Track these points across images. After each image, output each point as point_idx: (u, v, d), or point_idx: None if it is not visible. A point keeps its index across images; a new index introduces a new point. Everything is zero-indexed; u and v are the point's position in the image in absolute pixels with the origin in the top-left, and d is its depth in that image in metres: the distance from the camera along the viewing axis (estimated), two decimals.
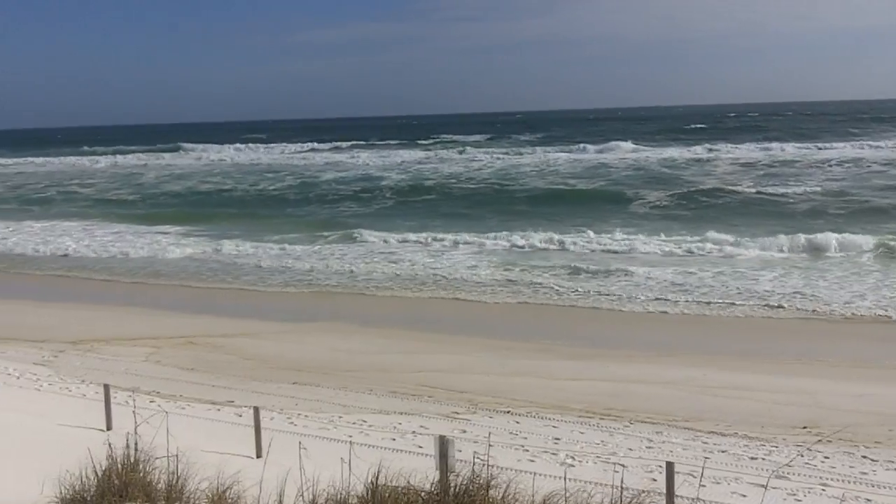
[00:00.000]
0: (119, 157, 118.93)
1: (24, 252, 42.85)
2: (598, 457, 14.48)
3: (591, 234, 39.96)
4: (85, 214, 57.65)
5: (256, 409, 13.88)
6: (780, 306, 26.20)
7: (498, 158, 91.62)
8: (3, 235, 48.46)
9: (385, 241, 41.10)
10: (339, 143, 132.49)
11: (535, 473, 10.07)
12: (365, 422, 16.57)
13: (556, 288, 29.84)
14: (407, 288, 31.50)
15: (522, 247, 37.95)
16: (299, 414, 17.05)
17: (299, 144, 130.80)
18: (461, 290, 30.65)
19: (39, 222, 54.24)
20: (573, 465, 13.83)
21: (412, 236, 41.79)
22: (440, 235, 41.27)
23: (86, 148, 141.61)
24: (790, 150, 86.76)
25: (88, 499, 7.63)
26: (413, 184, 69.17)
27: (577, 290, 29.33)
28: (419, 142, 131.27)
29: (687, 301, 27.43)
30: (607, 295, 28.61)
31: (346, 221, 49.89)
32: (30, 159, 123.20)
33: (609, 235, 39.53)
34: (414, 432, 15.78)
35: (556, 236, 39.25)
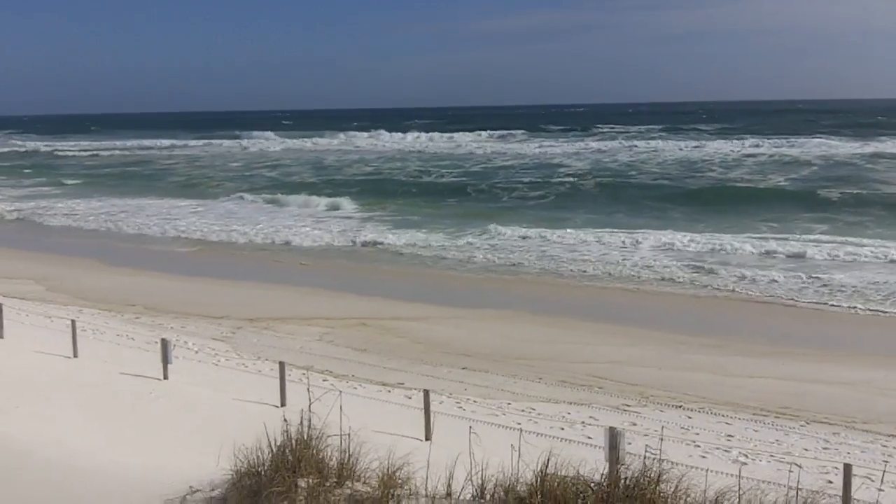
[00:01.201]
0: (310, 141, 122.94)
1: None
2: (771, 455, 14.04)
3: (798, 235, 38.11)
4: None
5: (426, 393, 13.95)
6: None
7: (679, 149, 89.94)
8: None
9: (562, 232, 40.49)
10: (513, 132, 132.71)
11: (707, 470, 9.80)
12: (534, 410, 16.48)
13: (734, 282, 29.04)
14: (579, 277, 31.23)
15: (717, 250, 35.40)
16: (468, 399, 17.10)
17: (476, 133, 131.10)
18: (636, 281, 30.22)
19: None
20: (746, 463, 13.46)
21: (594, 228, 41.16)
22: (622, 229, 40.45)
23: (271, 134, 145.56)
24: None
25: (263, 473, 7.77)
26: (591, 173, 68.61)
27: (753, 285, 28.48)
28: (597, 130, 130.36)
29: (881, 299, 26.28)
30: (790, 290, 27.65)
31: (527, 212, 49.53)
32: (187, 142, 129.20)
33: (808, 237, 37.62)
34: (583, 422, 15.61)
35: (754, 236, 37.68)
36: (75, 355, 18.32)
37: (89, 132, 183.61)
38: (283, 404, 14.81)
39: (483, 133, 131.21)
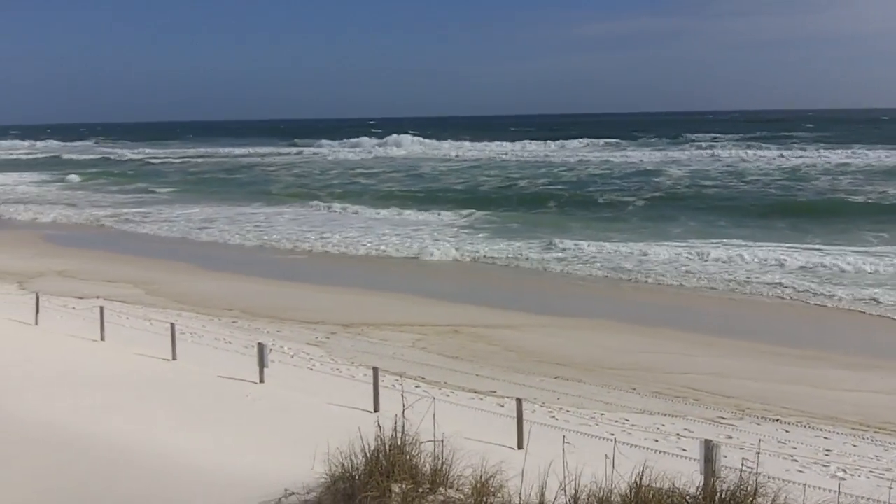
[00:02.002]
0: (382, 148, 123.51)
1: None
2: (871, 471, 13.73)
3: None
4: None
5: (519, 401, 13.93)
6: None
7: (780, 157, 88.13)
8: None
9: (660, 241, 40.03)
10: (608, 139, 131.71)
11: (804, 485, 9.61)
12: (627, 421, 16.34)
13: (837, 295, 28.38)
14: (676, 287, 30.86)
15: (820, 262, 33.84)
16: (560, 408, 17.02)
17: (575, 141, 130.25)
18: (736, 292, 29.75)
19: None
20: (845, 479, 13.16)
21: (694, 239, 40.39)
22: (722, 239, 39.73)
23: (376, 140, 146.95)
24: None
25: (357, 477, 7.85)
26: (689, 182, 67.85)
27: (854, 297, 27.82)
28: (694, 137, 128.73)
29: None
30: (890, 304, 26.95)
31: (623, 221, 48.95)
32: (279, 149, 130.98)
33: None
34: (678, 434, 15.42)
35: (859, 249, 36.51)
36: (174, 358, 18.73)
37: (179, 139, 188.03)
38: (376, 409, 14.94)
39: (580, 141, 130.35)
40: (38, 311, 22.65)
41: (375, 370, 15.84)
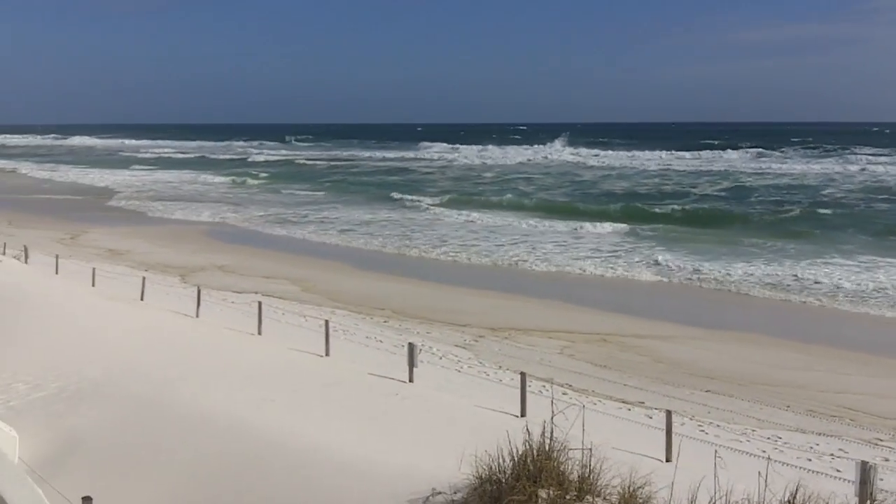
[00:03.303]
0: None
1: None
2: None
3: None
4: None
5: (669, 413, 13.76)
6: None
7: None
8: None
9: (822, 255, 38.70)
10: (761, 149, 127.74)
11: None
12: (780, 438, 15.95)
13: None
14: (836, 304, 29.86)
15: None
16: (710, 422, 16.73)
17: (734, 150, 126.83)
18: None
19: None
20: None
21: (863, 255, 38.80)
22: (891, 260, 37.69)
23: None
24: None
25: (504, 481, 7.89)
26: (861, 195, 65.43)
27: None
28: (857, 150, 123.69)
29: None
30: None
31: (786, 236, 46.15)
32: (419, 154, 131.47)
33: None
34: (832, 455, 14.97)
35: None
36: (327, 354, 19.16)
37: (322, 140, 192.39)
38: (522, 414, 14.96)
39: (746, 150, 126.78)
40: (198, 304, 23.50)
41: (523, 375, 15.88)
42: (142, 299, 24.95)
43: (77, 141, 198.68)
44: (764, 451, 13.32)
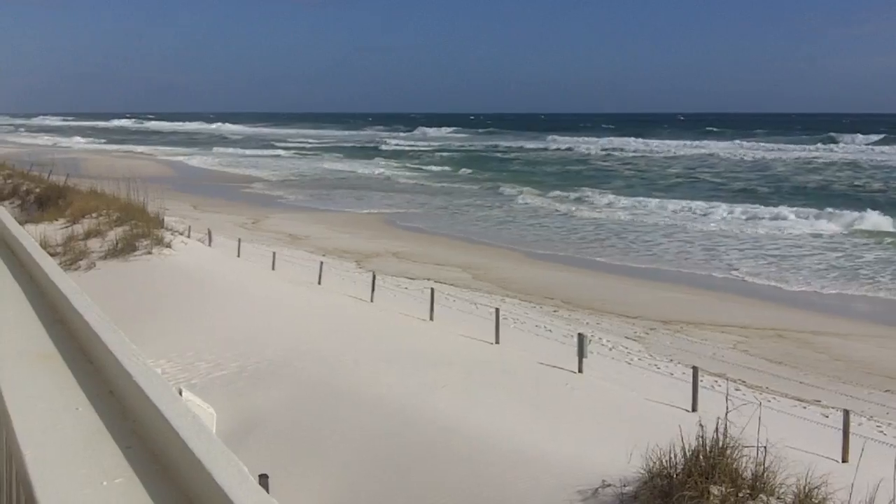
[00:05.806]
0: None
1: None
2: None
3: None
4: None
5: (846, 413, 13.40)
6: None
7: None
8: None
9: None
10: None
11: None
12: None
13: None
14: None
15: None
16: (890, 423, 16.20)
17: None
18: None
19: None
20: None
21: None
22: None
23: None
24: None
25: (675, 476, 7.90)
26: None
27: None
28: None
29: None
30: None
31: None
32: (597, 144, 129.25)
33: None
34: None
35: None
36: (497, 342, 19.35)
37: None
38: (694, 409, 14.82)
39: None
40: (373, 289, 24.04)
41: (695, 369, 15.73)
42: (319, 283, 25.67)
43: (227, 128, 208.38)
44: None
